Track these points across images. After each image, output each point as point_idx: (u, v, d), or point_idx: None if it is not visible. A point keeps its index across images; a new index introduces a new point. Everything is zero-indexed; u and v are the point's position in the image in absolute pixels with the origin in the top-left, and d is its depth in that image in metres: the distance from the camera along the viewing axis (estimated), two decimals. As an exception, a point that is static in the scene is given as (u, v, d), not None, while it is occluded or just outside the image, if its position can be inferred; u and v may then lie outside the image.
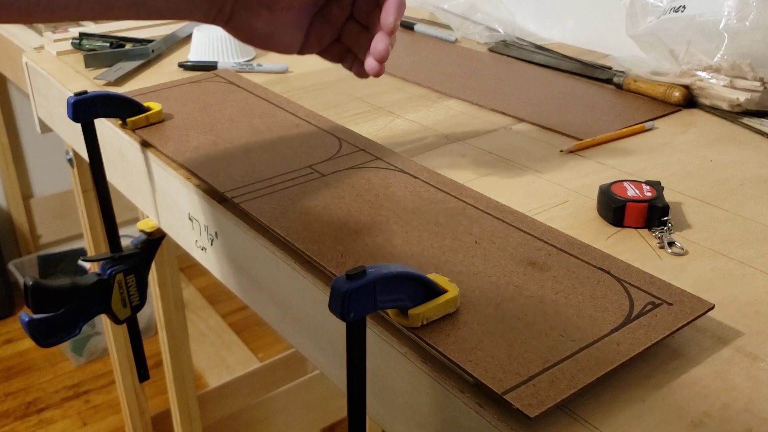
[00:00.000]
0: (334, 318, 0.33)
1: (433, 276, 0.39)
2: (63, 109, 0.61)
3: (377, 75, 0.53)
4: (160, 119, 0.67)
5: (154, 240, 0.69)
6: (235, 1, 0.52)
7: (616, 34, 0.85)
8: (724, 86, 0.71)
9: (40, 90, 0.90)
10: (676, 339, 0.39)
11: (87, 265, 1.97)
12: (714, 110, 0.72)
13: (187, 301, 2.03)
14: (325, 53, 0.58)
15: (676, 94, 0.73)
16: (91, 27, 1.03)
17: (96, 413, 1.73)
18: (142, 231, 0.69)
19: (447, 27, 1.03)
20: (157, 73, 0.84)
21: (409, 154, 0.61)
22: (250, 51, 0.89)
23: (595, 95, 0.77)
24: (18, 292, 2.07)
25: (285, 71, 0.85)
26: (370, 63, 0.53)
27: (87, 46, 0.90)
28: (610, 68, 0.82)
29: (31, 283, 0.56)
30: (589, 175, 0.59)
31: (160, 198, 0.65)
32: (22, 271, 2.03)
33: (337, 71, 0.87)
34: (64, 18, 0.48)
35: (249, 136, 0.63)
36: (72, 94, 0.59)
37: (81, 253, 2.09)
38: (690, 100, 0.74)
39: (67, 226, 2.18)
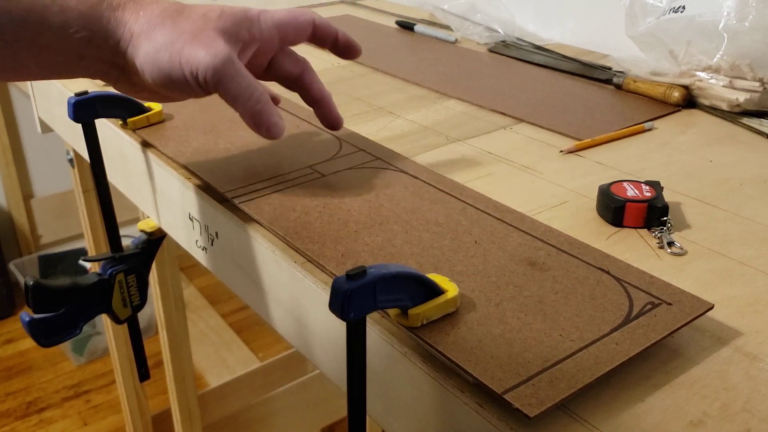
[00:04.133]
0: (334, 318, 0.33)
1: (433, 276, 0.39)
2: (63, 109, 0.61)
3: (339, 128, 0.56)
4: (160, 119, 0.67)
5: (155, 240, 0.69)
6: (118, 75, 0.51)
7: (615, 34, 0.85)
8: (723, 86, 0.71)
9: (40, 90, 0.90)
10: (676, 339, 0.39)
11: (87, 265, 1.97)
12: (713, 110, 0.72)
13: (188, 301, 2.03)
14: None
15: (676, 95, 0.73)
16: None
17: (96, 413, 1.74)
18: (142, 231, 0.69)
19: (447, 27, 1.03)
20: (158, 73, 0.84)
21: (409, 154, 0.61)
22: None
23: (594, 95, 0.77)
24: (19, 292, 2.07)
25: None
26: (330, 127, 0.56)
27: (87, 47, 0.90)
28: (610, 68, 0.82)
29: (31, 283, 0.56)
30: (588, 175, 0.59)
31: (161, 198, 0.65)
32: (23, 271, 2.03)
33: (337, 72, 0.87)
34: None
35: (249, 137, 0.63)
36: (72, 94, 0.59)
37: (81, 253, 2.09)
38: (689, 101, 0.74)
39: (67, 226, 2.18)
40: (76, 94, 0.59)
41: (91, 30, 0.47)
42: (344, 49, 0.55)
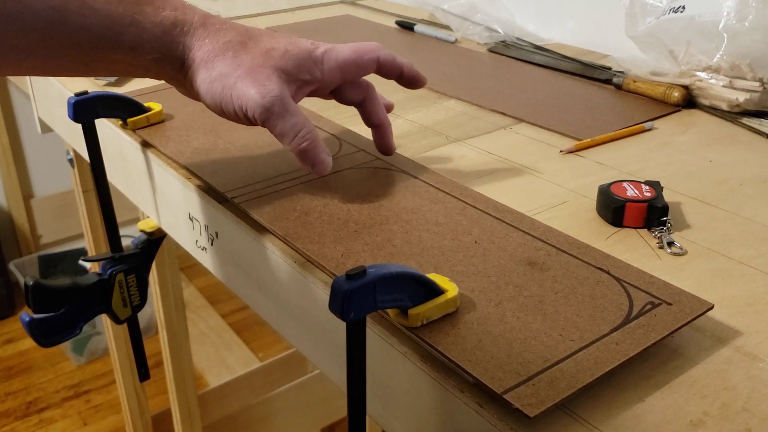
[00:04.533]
0: (334, 318, 0.33)
1: (433, 276, 0.39)
2: (63, 109, 0.61)
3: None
4: (160, 119, 0.67)
5: (155, 240, 0.69)
6: (181, 87, 0.53)
7: (615, 34, 0.85)
8: (723, 86, 0.71)
9: (40, 90, 0.91)
10: (676, 339, 0.39)
11: (87, 265, 1.97)
12: (713, 110, 0.72)
13: (188, 301, 2.03)
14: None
15: (676, 95, 0.73)
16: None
17: (96, 413, 1.74)
18: (142, 231, 0.69)
19: (447, 27, 1.03)
20: (158, 73, 0.84)
21: (409, 154, 0.61)
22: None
23: (594, 95, 0.77)
24: (19, 292, 2.07)
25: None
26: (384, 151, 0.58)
27: (87, 47, 0.90)
28: (610, 68, 0.82)
29: (31, 283, 0.56)
30: (588, 175, 0.59)
31: (161, 198, 0.65)
32: (23, 271, 2.03)
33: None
34: (27, 72, 0.50)
35: (249, 137, 0.63)
36: (72, 95, 0.59)
37: (81, 253, 2.09)
38: (689, 101, 0.74)
39: (67, 226, 2.18)
40: (76, 94, 0.59)
41: (162, 52, 0.49)
42: (409, 81, 0.56)
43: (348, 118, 0.71)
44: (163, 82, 0.53)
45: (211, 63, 0.49)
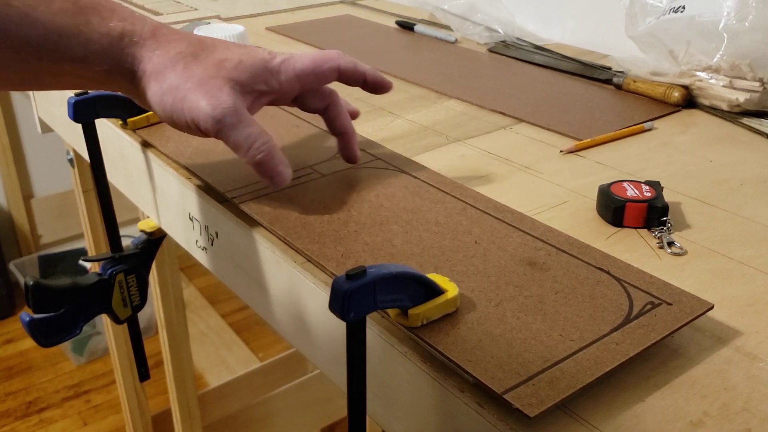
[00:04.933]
0: (334, 318, 0.33)
1: (433, 276, 0.39)
2: (63, 109, 0.61)
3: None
4: (160, 119, 0.67)
5: (155, 240, 0.69)
6: (137, 100, 0.52)
7: (615, 34, 0.85)
8: (723, 86, 0.71)
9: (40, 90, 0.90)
10: (676, 339, 0.39)
11: (87, 265, 1.97)
12: (713, 110, 0.72)
13: (188, 301, 2.03)
14: None
15: (676, 95, 0.73)
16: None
17: (96, 413, 1.74)
18: (142, 231, 0.69)
19: (447, 27, 1.03)
20: (158, 73, 0.84)
21: (409, 154, 0.61)
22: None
23: (594, 95, 0.77)
24: (19, 292, 2.07)
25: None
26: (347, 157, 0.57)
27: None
28: (610, 68, 0.82)
29: (31, 282, 0.56)
30: (588, 175, 0.59)
31: (161, 198, 0.65)
32: (23, 271, 2.03)
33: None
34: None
35: (249, 137, 0.63)
36: (72, 94, 0.59)
37: (81, 253, 2.09)
38: (689, 101, 0.74)
39: (67, 226, 2.18)
40: (76, 94, 0.59)
41: (110, 64, 0.47)
42: (374, 87, 0.55)
43: (348, 118, 0.71)
44: None
45: (162, 75, 0.47)
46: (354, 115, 0.58)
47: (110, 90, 0.51)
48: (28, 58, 0.45)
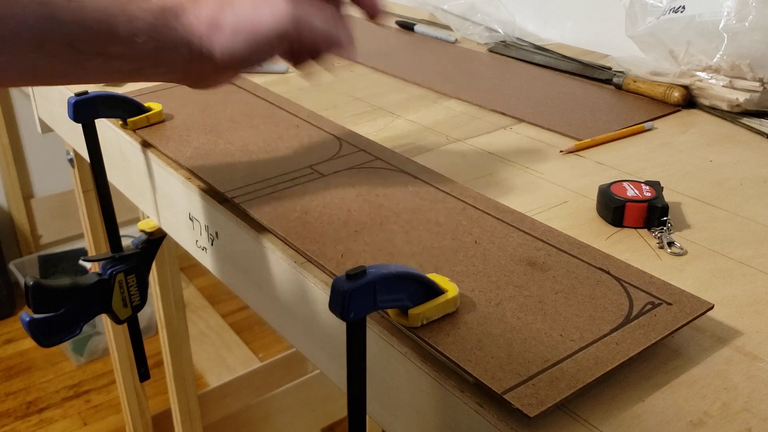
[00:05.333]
0: (334, 318, 0.33)
1: (433, 276, 0.39)
2: (64, 109, 0.61)
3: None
4: (160, 119, 0.67)
5: (155, 240, 0.69)
6: (195, 77, 0.51)
7: (615, 34, 0.85)
8: (723, 86, 0.71)
9: (40, 90, 0.90)
10: (676, 339, 0.39)
11: (88, 264, 1.97)
12: (713, 110, 0.72)
13: (188, 301, 2.03)
14: None
15: (676, 95, 0.73)
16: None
17: (96, 413, 1.73)
18: (142, 231, 0.69)
19: (447, 27, 1.03)
20: (158, 73, 0.83)
21: (409, 154, 0.61)
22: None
23: (594, 95, 0.77)
24: (19, 292, 2.07)
25: (285, 72, 0.85)
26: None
27: (87, 47, 0.90)
28: (610, 68, 0.82)
29: (31, 282, 0.56)
30: (588, 175, 0.59)
31: (161, 198, 0.65)
32: (23, 271, 2.03)
33: (338, 72, 0.87)
34: (14, 81, 0.48)
35: (249, 137, 0.63)
36: (73, 94, 0.59)
37: (82, 253, 2.09)
38: (689, 101, 0.74)
39: (67, 226, 2.18)
40: (76, 94, 0.59)
41: (159, 40, 0.47)
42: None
43: (348, 118, 0.71)
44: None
45: (218, 24, 0.47)
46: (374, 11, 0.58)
47: (160, 70, 0.50)
48: (77, 43, 0.45)
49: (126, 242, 0.68)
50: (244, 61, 0.49)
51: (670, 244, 0.48)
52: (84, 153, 0.70)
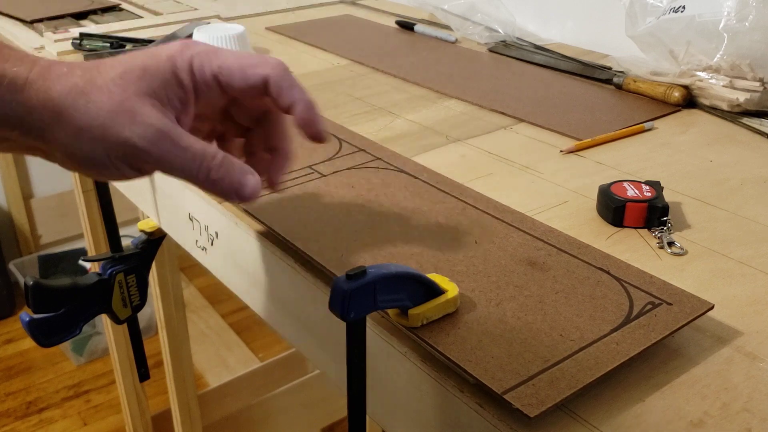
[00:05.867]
0: (334, 318, 0.33)
1: (433, 276, 0.39)
2: (63, 110, 0.61)
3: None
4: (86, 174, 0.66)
5: (155, 240, 0.69)
6: (45, 156, 0.41)
7: (615, 34, 0.85)
8: (723, 86, 0.71)
9: (40, 90, 0.90)
10: (676, 339, 0.39)
11: (87, 264, 1.97)
12: (714, 110, 0.72)
13: (188, 301, 2.03)
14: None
15: (676, 95, 0.73)
16: (91, 27, 1.03)
17: (96, 413, 1.73)
18: (142, 231, 0.69)
19: (447, 27, 1.03)
20: (158, 73, 0.83)
21: (409, 154, 0.61)
22: (251, 52, 0.89)
23: (594, 95, 0.77)
24: (19, 292, 2.07)
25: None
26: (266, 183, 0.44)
27: (87, 47, 0.90)
28: (610, 68, 0.82)
29: (31, 282, 0.56)
30: (588, 175, 0.59)
31: (161, 198, 0.65)
32: (23, 271, 2.03)
33: (338, 72, 0.87)
34: None
35: (249, 137, 0.63)
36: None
37: (81, 253, 2.09)
38: (689, 101, 0.74)
39: (67, 226, 2.18)
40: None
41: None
42: (303, 124, 0.41)
43: (348, 118, 0.71)
44: None
45: (66, 118, 0.37)
46: (317, 137, 0.42)
47: (12, 146, 0.40)
48: None
49: (126, 242, 0.68)
50: (89, 171, 0.40)
51: (671, 244, 0.48)
52: (84, 153, 0.70)
